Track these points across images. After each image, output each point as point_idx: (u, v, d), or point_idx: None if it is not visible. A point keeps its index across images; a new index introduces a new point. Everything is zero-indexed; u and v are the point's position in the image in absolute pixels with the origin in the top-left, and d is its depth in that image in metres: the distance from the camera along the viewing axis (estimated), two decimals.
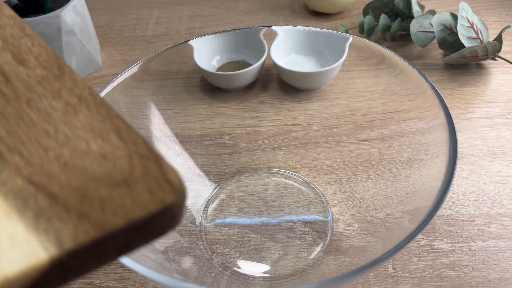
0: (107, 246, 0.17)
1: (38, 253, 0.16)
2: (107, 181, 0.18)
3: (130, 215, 0.17)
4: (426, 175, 0.35)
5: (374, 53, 0.43)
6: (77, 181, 0.18)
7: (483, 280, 0.37)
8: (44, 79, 0.23)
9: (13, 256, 0.16)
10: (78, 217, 0.17)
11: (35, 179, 0.18)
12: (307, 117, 0.47)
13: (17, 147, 0.19)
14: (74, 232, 0.16)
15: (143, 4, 0.75)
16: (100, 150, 0.19)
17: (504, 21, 0.64)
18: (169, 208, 0.17)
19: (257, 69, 0.48)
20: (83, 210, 0.17)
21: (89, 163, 0.19)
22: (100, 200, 0.17)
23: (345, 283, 0.28)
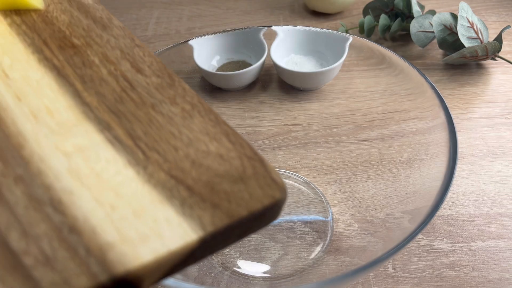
0: (233, 231, 0.20)
1: (189, 234, 0.19)
2: (227, 178, 0.21)
3: (251, 207, 0.20)
4: (426, 175, 0.35)
5: (374, 53, 0.43)
6: (205, 176, 0.21)
7: (483, 280, 0.37)
8: (160, 87, 0.25)
9: (172, 235, 0.19)
10: (212, 206, 0.20)
11: (173, 173, 0.21)
12: (307, 117, 0.47)
13: (154, 146, 0.22)
14: (212, 218, 0.20)
15: (143, 4, 0.75)
16: (217, 151, 0.22)
17: (504, 21, 0.64)
18: (277, 202, 0.21)
19: (257, 69, 0.48)
20: (214, 201, 0.20)
21: (211, 162, 0.22)
22: (225, 193, 0.21)
23: (345, 283, 0.28)
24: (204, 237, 0.19)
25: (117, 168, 0.21)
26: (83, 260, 0.18)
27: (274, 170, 0.22)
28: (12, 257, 0.18)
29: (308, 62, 0.50)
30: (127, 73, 0.26)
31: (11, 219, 0.19)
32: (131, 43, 0.29)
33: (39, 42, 0.28)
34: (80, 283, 0.17)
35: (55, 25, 0.30)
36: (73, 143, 0.22)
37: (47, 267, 0.18)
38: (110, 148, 0.22)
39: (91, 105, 0.25)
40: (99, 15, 0.31)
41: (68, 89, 0.25)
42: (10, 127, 0.23)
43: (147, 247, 0.19)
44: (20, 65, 0.27)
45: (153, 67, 0.27)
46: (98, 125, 0.24)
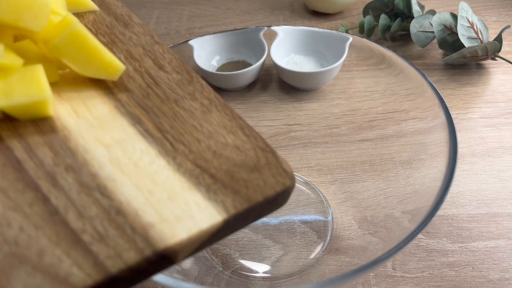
0: (250, 213, 0.23)
1: (215, 215, 0.22)
2: (244, 167, 0.24)
3: (265, 192, 0.23)
4: (426, 175, 0.35)
5: (374, 53, 0.43)
6: (225, 165, 0.24)
7: (483, 280, 0.37)
8: (181, 83, 0.28)
9: (201, 217, 0.22)
10: (233, 192, 0.23)
11: (198, 163, 0.24)
12: (307, 117, 0.47)
13: (180, 138, 0.25)
14: (233, 203, 0.22)
15: (143, 4, 0.75)
16: (234, 143, 0.25)
17: (504, 21, 0.64)
18: (287, 189, 0.23)
19: (257, 69, 0.48)
20: (234, 187, 0.23)
21: (230, 153, 0.24)
22: (244, 181, 0.23)
23: (345, 283, 0.28)
24: (227, 219, 0.22)
25: (151, 158, 0.24)
26: (130, 238, 0.21)
27: (284, 161, 0.24)
28: (73, 235, 0.21)
29: (308, 62, 0.50)
30: (151, 70, 0.28)
31: (68, 203, 0.22)
32: (151, 40, 0.31)
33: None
34: (131, 256, 0.20)
35: (81, 22, 0.31)
36: (111, 136, 0.25)
37: (102, 243, 0.21)
38: (142, 140, 0.25)
39: (121, 101, 0.27)
40: (119, 12, 0.33)
41: (101, 86, 0.28)
42: (55, 121, 0.26)
43: (182, 226, 0.21)
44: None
45: (173, 63, 0.29)
46: (130, 119, 0.26)
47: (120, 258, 0.20)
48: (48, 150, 0.24)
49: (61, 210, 0.22)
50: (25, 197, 0.22)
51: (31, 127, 0.25)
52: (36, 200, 0.22)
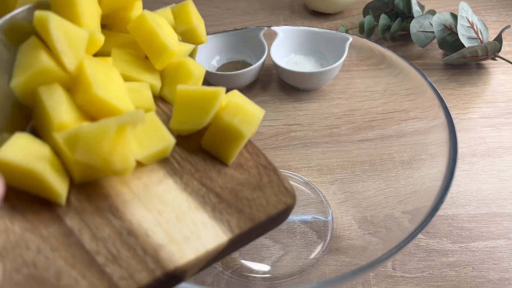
0: (253, 232, 0.23)
1: (221, 235, 0.22)
2: (247, 186, 0.24)
3: (268, 211, 0.23)
4: (426, 175, 0.35)
5: (374, 53, 0.43)
6: (230, 184, 0.24)
7: (483, 280, 0.37)
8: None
9: (208, 237, 0.22)
10: (237, 211, 0.23)
11: (204, 182, 0.24)
12: (307, 117, 0.47)
13: (186, 157, 0.25)
14: (237, 222, 0.23)
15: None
16: (237, 161, 0.25)
17: (504, 21, 0.64)
18: (289, 207, 0.24)
19: (257, 69, 0.48)
20: (238, 206, 0.24)
21: (233, 171, 0.25)
22: (247, 200, 0.24)
23: (345, 283, 0.28)
24: (232, 238, 0.23)
25: (159, 178, 0.24)
26: (142, 258, 0.21)
27: (286, 179, 0.25)
28: (87, 256, 0.21)
29: (308, 62, 0.50)
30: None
31: (82, 224, 0.22)
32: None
33: None
34: (142, 277, 0.21)
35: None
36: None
37: (115, 264, 0.21)
38: None
39: None
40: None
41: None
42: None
43: (190, 246, 0.22)
44: None
45: None
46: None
47: (133, 279, 0.21)
48: None
49: (76, 232, 0.22)
50: (42, 218, 0.22)
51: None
52: (52, 221, 0.22)
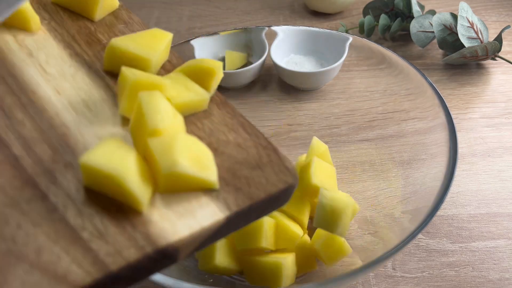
0: (252, 211, 0.23)
1: (217, 213, 0.22)
2: (246, 165, 0.24)
3: (268, 190, 0.23)
4: (426, 175, 0.35)
5: (374, 53, 0.43)
6: (227, 163, 0.24)
7: (483, 280, 0.37)
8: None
9: (203, 214, 0.22)
10: (235, 189, 0.23)
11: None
12: (307, 117, 0.47)
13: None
14: (235, 200, 0.22)
15: (143, 4, 0.75)
16: (235, 140, 0.25)
17: (504, 21, 0.64)
18: (290, 187, 0.23)
19: (258, 68, 0.48)
20: (236, 184, 0.23)
21: (231, 150, 0.24)
22: (246, 178, 0.23)
23: (345, 283, 0.28)
24: (229, 216, 0.22)
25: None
26: (131, 235, 0.21)
27: (286, 158, 0.24)
28: (72, 232, 0.20)
29: (308, 62, 0.50)
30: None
31: (67, 200, 0.22)
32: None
33: (69, 38, 0.31)
34: (131, 253, 0.20)
35: (81, 20, 0.32)
36: (110, 132, 0.25)
37: (101, 240, 0.20)
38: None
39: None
40: (119, 10, 0.34)
41: (100, 83, 0.28)
42: (54, 118, 0.26)
43: (184, 223, 0.21)
44: (55, 61, 0.29)
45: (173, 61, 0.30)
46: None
47: (120, 255, 0.20)
48: (47, 147, 0.24)
49: (60, 207, 0.21)
50: (23, 194, 0.22)
51: (29, 124, 0.25)
52: (34, 197, 0.22)
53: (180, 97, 0.26)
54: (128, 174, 0.21)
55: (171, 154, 0.21)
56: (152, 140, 0.22)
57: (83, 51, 0.30)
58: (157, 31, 0.29)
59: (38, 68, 0.28)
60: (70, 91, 0.27)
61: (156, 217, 0.21)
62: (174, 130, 0.23)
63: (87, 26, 0.31)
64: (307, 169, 0.37)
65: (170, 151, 0.21)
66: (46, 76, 0.28)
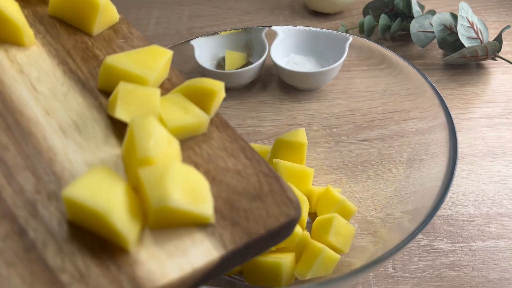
0: (251, 248, 0.21)
1: (212, 251, 0.20)
2: (245, 195, 0.22)
3: (268, 225, 0.21)
4: (426, 175, 0.35)
5: (374, 53, 0.43)
6: (225, 193, 0.22)
7: (483, 280, 0.37)
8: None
9: (196, 253, 0.20)
10: (232, 224, 0.21)
11: None
12: (307, 117, 0.47)
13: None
14: (232, 236, 0.20)
15: (143, 4, 0.75)
16: (234, 167, 0.23)
17: (504, 21, 0.64)
18: (292, 220, 0.21)
19: (258, 68, 0.48)
20: (234, 218, 0.21)
21: (230, 179, 0.23)
22: (244, 211, 0.21)
23: (345, 283, 0.28)
24: (224, 255, 0.20)
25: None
26: (115, 277, 0.19)
27: (289, 188, 0.22)
28: (50, 274, 0.18)
29: (308, 62, 0.50)
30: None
31: (47, 236, 0.20)
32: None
33: (64, 53, 0.29)
34: None
35: (78, 34, 0.30)
36: (101, 158, 0.23)
37: (82, 284, 0.18)
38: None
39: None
40: (119, 24, 0.31)
41: (93, 103, 0.26)
42: (41, 142, 0.23)
43: (174, 264, 0.19)
44: (47, 78, 0.27)
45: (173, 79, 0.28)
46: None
47: None
48: (30, 175, 0.22)
49: (39, 245, 0.19)
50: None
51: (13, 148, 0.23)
52: (11, 233, 0.20)
53: (177, 120, 0.24)
54: (114, 210, 0.19)
55: (162, 186, 0.19)
56: (143, 170, 0.20)
57: (78, 67, 0.28)
58: (156, 48, 0.27)
59: (28, 85, 0.26)
60: (60, 112, 0.25)
61: (144, 256, 0.19)
62: (168, 158, 0.21)
63: (84, 41, 0.29)
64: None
65: (161, 183, 0.20)
66: (36, 94, 0.26)
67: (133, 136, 0.21)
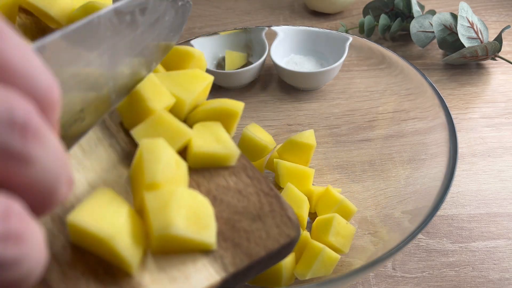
0: (252, 269, 0.21)
1: (213, 275, 0.20)
2: (246, 215, 0.22)
3: (268, 246, 0.21)
4: (426, 175, 0.35)
5: (374, 53, 0.43)
6: (226, 213, 0.22)
7: (483, 280, 0.37)
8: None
9: (197, 277, 0.20)
10: (233, 245, 0.21)
11: None
12: (307, 117, 0.47)
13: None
14: (233, 259, 0.20)
15: None
16: (235, 186, 0.23)
17: (504, 21, 0.64)
18: (292, 241, 0.21)
19: (257, 67, 0.48)
20: (235, 240, 0.21)
21: (231, 198, 0.22)
22: (245, 231, 0.21)
23: (345, 283, 0.28)
24: (226, 278, 0.20)
25: None
26: None
27: (290, 207, 0.22)
28: None
29: (308, 62, 0.50)
30: None
31: (51, 260, 0.19)
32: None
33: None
34: None
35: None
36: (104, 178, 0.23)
37: None
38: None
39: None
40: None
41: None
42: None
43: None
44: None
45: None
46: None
47: None
48: None
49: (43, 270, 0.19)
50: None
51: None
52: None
53: (205, 147, 0.23)
54: (117, 236, 0.19)
55: (166, 213, 0.19)
56: (148, 194, 0.20)
57: None
58: (197, 72, 0.26)
59: None
60: None
61: (147, 281, 0.19)
62: (175, 182, 0.21)
63: None
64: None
65: (165, 210, 0.19)
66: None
67: (142, 158, 0.21)
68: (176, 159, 0.22)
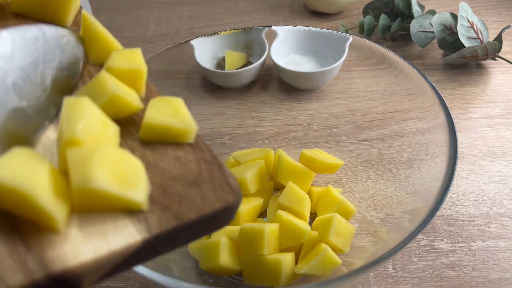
0: (181, 233, 0.20)
1: (133, 235, 0.19)
2: (182, 181, 0.21)
3: (201, 210, 0.20)
4: (426, 175, 0.35)
5: (374, 53, 0.43)
6: (159, 178, 0.21)
7: (483, 280, 0.37)
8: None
9: (115, 236, 0.19)
10: (161, 208, 0.20)
11: None
12: (307, 117, 0.47)
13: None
14: (159, 220, 0.20)
15: (143, 4, 0.75)
16: (174, 153, 0.22)
17: (504, 21, 0.64)
18: (229, 207, 0.21)
19: (257, 67, 0.48)
20: (164, 203, 0.20)
21: (167, 164, 0.22)
22: (178, 196, 0.21)
23: (345, 283, 0.28)
24: (148, 239, 0.19)
25: None
26: (21, 257, 0.18)
27: (232, 175, 0.21)
28: None
29: (308, 62, 0.50)
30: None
31: None
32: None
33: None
34: (15, 279, 0.17)
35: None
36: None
37: None
38: None
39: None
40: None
41: None
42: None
43: (89, 246, 0.18)
44: None
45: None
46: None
47: (2, 281, 0.17)
48: None
49: None
50: None
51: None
52: None
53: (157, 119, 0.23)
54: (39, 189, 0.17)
55: (87, 167, 0.18)
56: (70, 151, 0.19)
57: None
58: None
59: None
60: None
61: (60, 238, 0.18)
62: (100, 141, 0.20)
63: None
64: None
65: (86, 164, 0.18)
66: None
67: (64, 116, 0.20)
68: (103, 118, 0.21)
